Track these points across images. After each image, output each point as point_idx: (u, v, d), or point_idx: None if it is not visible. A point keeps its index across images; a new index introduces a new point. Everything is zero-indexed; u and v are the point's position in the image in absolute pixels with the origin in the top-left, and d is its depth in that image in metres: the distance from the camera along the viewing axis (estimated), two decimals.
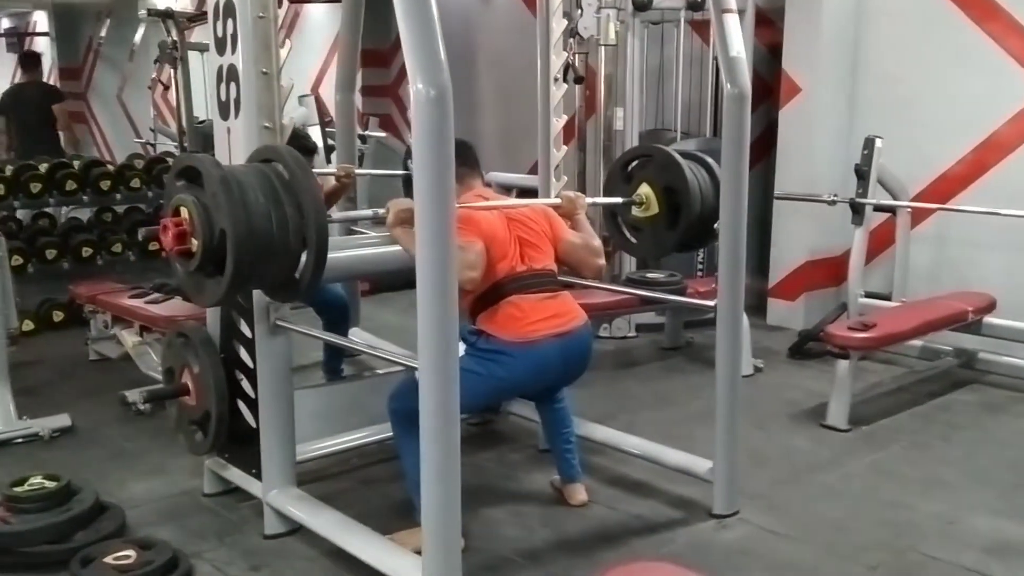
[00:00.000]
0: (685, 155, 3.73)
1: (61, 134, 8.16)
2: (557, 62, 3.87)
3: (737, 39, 3.26)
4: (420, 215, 2.42)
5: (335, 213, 3.43)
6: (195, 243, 2.70)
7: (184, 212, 2.71)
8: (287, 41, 3.15)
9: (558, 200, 3.58)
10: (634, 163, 3.83)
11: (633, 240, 3.88)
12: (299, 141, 4.40)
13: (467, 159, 3.34)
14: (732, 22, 3.27)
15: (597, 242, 3.50)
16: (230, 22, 3.15)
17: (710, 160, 3.70)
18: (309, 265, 2.72)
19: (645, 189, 3.68)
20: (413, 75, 2.38)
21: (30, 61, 8.57)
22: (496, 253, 3.23)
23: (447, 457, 2.53)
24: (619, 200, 3.76)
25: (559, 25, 3.87)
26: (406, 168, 6.09)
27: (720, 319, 3.39)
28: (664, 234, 3.71)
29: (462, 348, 3.14)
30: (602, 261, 3.52)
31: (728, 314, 3.38)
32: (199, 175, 2.71)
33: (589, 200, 3.65)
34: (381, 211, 3.06)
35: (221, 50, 3.21)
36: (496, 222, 3.31)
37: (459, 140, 2.53)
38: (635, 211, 3.73)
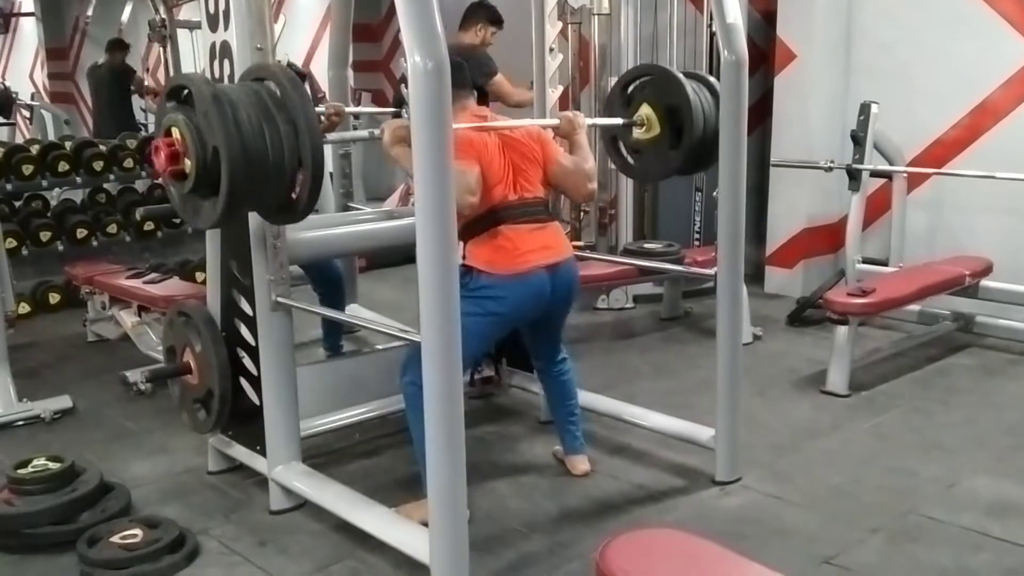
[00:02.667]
0: (687, 75, 3.65)
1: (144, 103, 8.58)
2: (552, 33, 3.84)
3: (733, 6, 3.24)
4: (420, 188, 2.41)
5: (330, 135, 3.31)
6: (188, 163, 2.63)
7: (176, 132, 2.64)
8: (281, 16, 3.12)
9: (556, 120, 3.49)
10: (634, 85, 3.71)
11: (634, 163, 3.79)
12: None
13: (459, 78, 3.27)
14: None
15: (590, 165, 3.40)
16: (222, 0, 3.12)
17: (712, 79, 3.62)
18: (306, 183, 2.65)
19: (646, 110, 3.58)
20: (410, 48, 2.36)
21: (112, 46, 8.82)
22: (491, 179, 3.18)
23: (452, 429, 2.53)
24: (619, 121, 3.64)
25: None
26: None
27: (720, 287, 3.38)
28: (667, 155, 3.60)
29: None
30: (593, 186, 3.42)
31: (728, 282, 3.38)
32: (189, 95, 2.66)
33: (588, 121, 3.54)
34: (376, 132, 3.01)
35: (214, 27, 3.18)
36: (492, 146, 3.25)
37: (454, 60, 2.49)
38: (636, 133, 3.62)
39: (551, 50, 3.85)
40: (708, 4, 6.32)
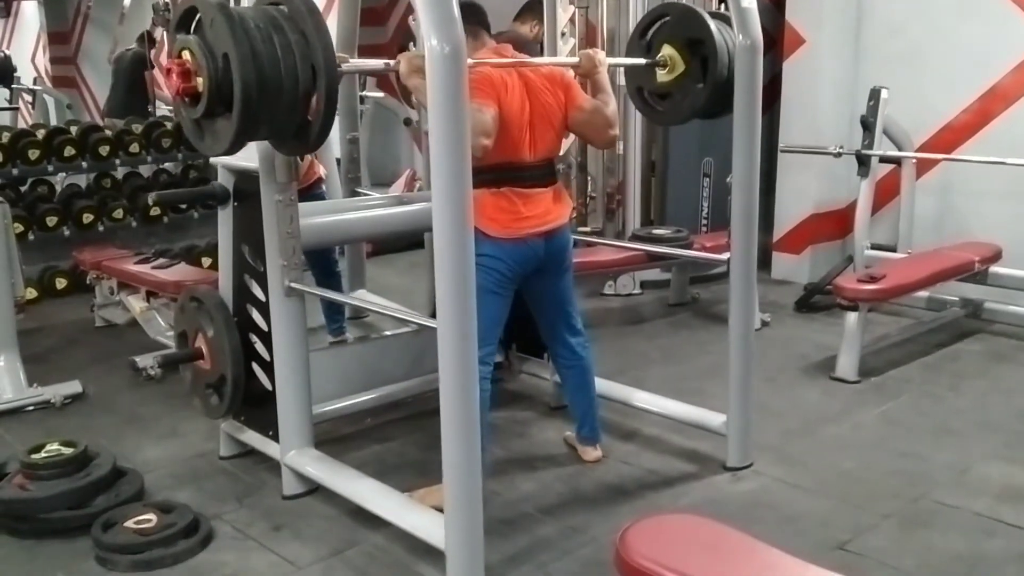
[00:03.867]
0: (711, 14, 3.56)
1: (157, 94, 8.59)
2: (564, 17, 3.82)
3: None
4: (436, 173, 2.40)
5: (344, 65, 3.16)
6: (200, 81, 2.58)
7: (187, 54, 2.61)
8: None
9: (576, 59, 3.41)
10: (652, 30, 3.61)
11: (661, 109, 3.70)
12: None
13: (476, 14, 3.19)
14: None
15: (612, 109, 3.31)
16: None
17: (730, 16, 3.50)
18: (321, 101, 2.59)
19: (668, 50, 3.50)
20: (427, 31, 2.35)
21: (142, 38, 8.87)
22: (509, 125, 3.09)
23: (468, 414, 2.53)
24: (642, 61, 3.55)
25: None
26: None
27: (733, 272, 3.38)
28: (694, 91, 3.51)
29: None
30: (615, 131, 3.37)
31: (741, 268, 3.37)
32: (199, 22, 2.62)
33: (610, 60, 3.46)
34: (392, 62, 2.88)
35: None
36: (514, 88, 3.15)
37: (466, 1, 2.45)
38: (660, 75, 3.54)
39: (562, 35, 3.83)
40: None
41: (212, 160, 3.44)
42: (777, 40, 6.15)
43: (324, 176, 4.78)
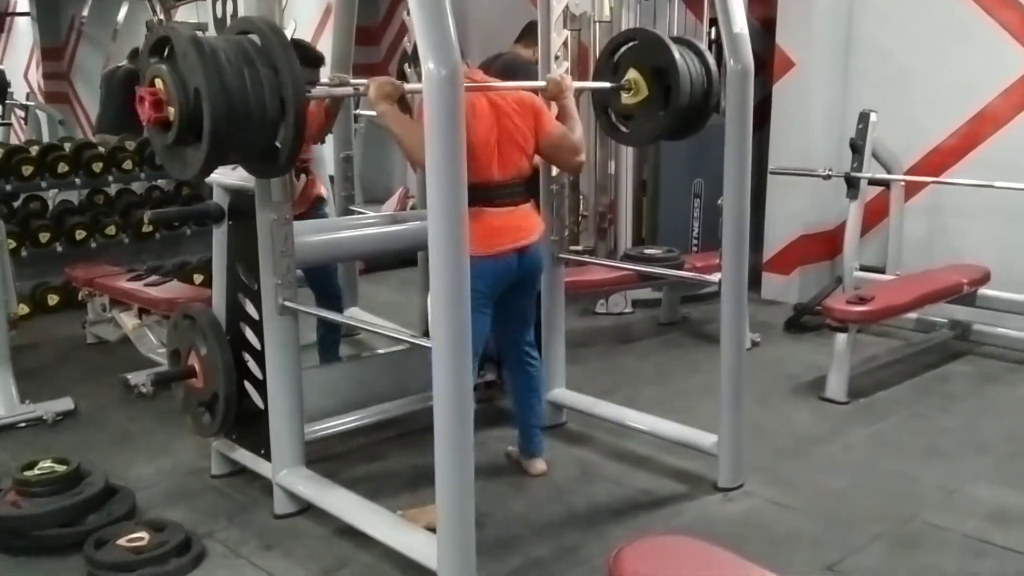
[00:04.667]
0: (674, 39, 3.68)
1: None
2: (557, 40, 3.86)
3: (740, 15, 3.26)
4: (432, 193, 2.43)
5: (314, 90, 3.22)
6: (171, 110, 2.66)
7: (159, 83, 2.68)
8: (291, 20, 3.13)
9: (543, 84, 3.51)
10: (620, 52, 3.73)
11: (625, 129, 3.82)
12: (301, 50, 4.32)
13: None
14: None
15: (578, 135, 3.41)
16: (230, 2, 3.13)
17: (699, 43, 3.72)
18: (288, 129, 2.67)
19: (633, 74, 3.61)
20: (424, 55, 2.39)
21: (134, 54, 8.82)
22: (477, 148, 3.14)
23: (461, 433, 2.55)
24: (607, 84, 3.67)
25: (559, 3, 3.85)
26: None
27: (725, 294, 3.41)
28: (656, 117, 3.62)
29: None
30: (581, 158, 3.47)
31: (733, 289, 3.41)
32: (172, 49, 2.68)
33: (576, 84, 3.58)
34: (362, 89, 3.00)
35: (221, 31, 3.19)
36: (483, 110, 3.23)
37: None
38: (624, 97, 3.65)
39: (556, 58, 3.87)
40: (707, 12, 6.38)
41: (208, 179, 3.46)
42: (767, 63, 6.21)
43: (326, 196, 4.78)
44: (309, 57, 4.27)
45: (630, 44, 3.72)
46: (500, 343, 3.68)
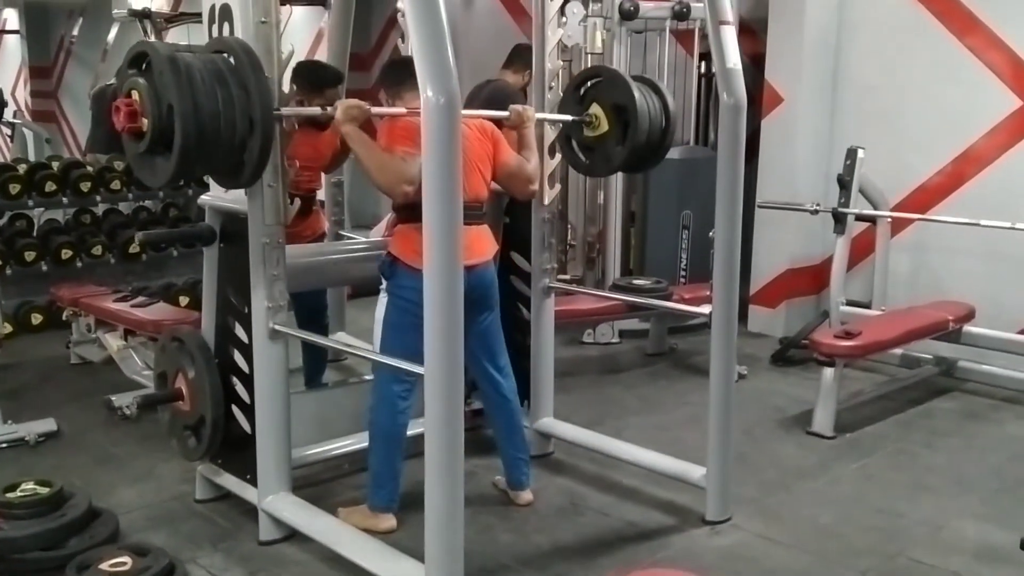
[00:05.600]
0: (635, 78, 3.85)
1: None
2: (552, 70, 3.89)
3: (733, 51, 3.31)
4: (428, 217, 2.44)
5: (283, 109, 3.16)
6: (145, 122, 2.77)
7: (135, 94, 2.79)
8: (289, 43, 3.15)
9: (506, 113, 3.56)
10: (586, 86, 3.86)
11: (585, 160, 3.94)
12: (319, 71, 4.33)
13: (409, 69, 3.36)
14: (729, 34, 3.33)
15: (533, 165, 3.53)
16: (226, 26, 3.14)
17: (660, 85, 3.89)
18: (255, 147, 2.81)
19: (595, 109, 3.76)
20: (423, 83, 2.42)
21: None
22: None
23: (452, 460, 2.54)
24: (568, 117, 3.81)
25: (554, 34, 3.89)
26: None
27: (715, 327, 3.42)
28: (613, 150, 3.77)
29: (383, 297, 3.51)
30: (534, 187, 3.60)
31: (723, 322, 3.42)
32: (150, 63, 2.77)
33: (539, 115, 3.69)
34: (330, 108, 3.15)
35: None
36: None
37: (403, 58, 2.54)
38: (586, 131, 3.79)
39: (550, 88, 3.90)
40: (697, 47, 6.44)
41: (200, 201, 3.46)
42: (756, 98, 6.27)
43: (327, 232, 4.77)
44: (327, 76, 4.29)
45: (594, 80, 3.87)
46: (470, 371, 3.65)
